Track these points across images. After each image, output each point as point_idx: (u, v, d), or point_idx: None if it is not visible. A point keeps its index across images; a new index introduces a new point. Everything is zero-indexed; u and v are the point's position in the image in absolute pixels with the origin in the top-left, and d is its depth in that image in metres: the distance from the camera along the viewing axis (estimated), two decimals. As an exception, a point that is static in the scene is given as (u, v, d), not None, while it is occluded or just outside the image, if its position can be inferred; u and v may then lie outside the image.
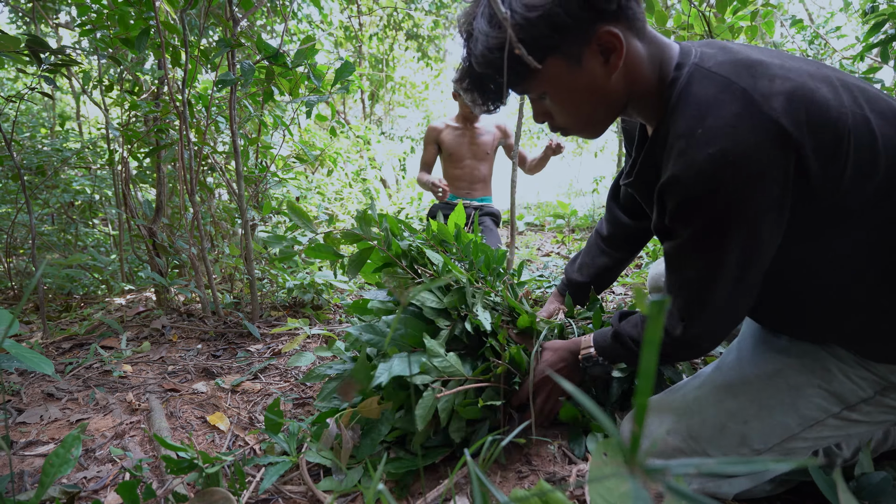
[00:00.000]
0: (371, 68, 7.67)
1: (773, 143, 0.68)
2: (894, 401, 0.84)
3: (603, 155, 8.36)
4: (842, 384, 0.84)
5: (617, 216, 1.31)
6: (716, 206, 0.71)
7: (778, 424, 0.86)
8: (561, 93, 0.84)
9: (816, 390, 0.85)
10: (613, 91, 0.83)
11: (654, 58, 0.83)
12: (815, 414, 0.85)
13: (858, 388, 0.84)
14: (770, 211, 0.72)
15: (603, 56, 0.80)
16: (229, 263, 2.49)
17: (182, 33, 1.83)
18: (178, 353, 1.89)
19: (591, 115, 0.87)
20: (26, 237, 3.09)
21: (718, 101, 0.71)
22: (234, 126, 1.99)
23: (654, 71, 0.83)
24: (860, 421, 0.86)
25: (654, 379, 0.23)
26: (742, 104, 0.69)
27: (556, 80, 0.83)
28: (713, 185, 0.70)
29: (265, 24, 4.16)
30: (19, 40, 1.70)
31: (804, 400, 0.85)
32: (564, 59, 0.80)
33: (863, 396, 0.84)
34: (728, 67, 0.74)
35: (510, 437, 0.76)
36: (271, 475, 1.04)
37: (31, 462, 1.17)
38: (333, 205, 4.65)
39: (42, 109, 4.60)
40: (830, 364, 0.85)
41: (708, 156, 0.69)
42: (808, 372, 0.86)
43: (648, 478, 0.22)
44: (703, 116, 0.71)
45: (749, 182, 0.69)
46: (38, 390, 1.54)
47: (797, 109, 0.69)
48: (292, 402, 1.48)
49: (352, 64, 1.96)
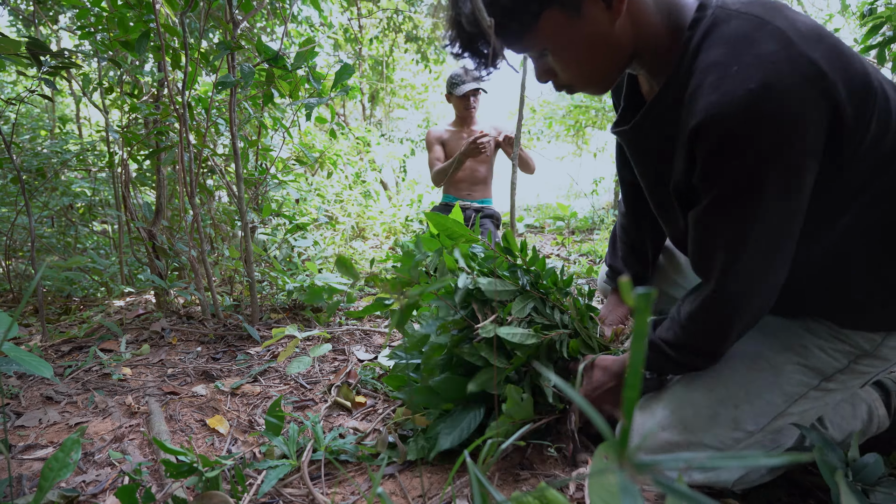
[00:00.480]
0: (371, 70, 7.68)
1: (814, 83, 0.66)
2: (866, 366, 0.90)
3: (602, 155, 8.36)
4: (818, 358, 0.89)
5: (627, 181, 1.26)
6: (758, 147, 0.67)
7: (766, 404, 0.90)
8: (563, 47, 0.80)
9: (796, 367, 0.90)
10: (618, 39, 0.79)
11: (662, 4, 0.80)
12: (798, 389, 0.90)
13: (833, 359, 0.89)
14: (810, 156, 0.70)
15: (605, 4, 0.76)
16: (229, 266, 2.49)
17: (182, 36, 1.83)
18: (177, 355, 1.89)
19: (596, 67, 0.83)
20: (26, 239, 3.09)
21: (754, 38, 0.69)
22: (234, 128, 1.99)
23: (662, 19, 0.80)
24: (837, 389, 0.91)
25: (641, 373, 0.23)
26: (780, 43, 0.67)
27: (556, 34, 0.78)
28: (755, 121, 0.66)
29: (265, 26, 4.17)
30: (19, 43, 1.70)
31: (786, 377, 0.90)
32: (563, 11, 0.76)
33: (838, 367, 0.89)
34: (758, 8, 0.72)
35: (510, 440, 0.76)
36: (271, 478, 1.03)
37: (30, 466, 1.17)
38: (333, 207, 4.64)
39: (42, 112, 4.60)
40: (806, 340, 0.91)
41: (748, 91, 0.65)
42: (786, 350, 0.91)
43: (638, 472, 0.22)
44: (739, 53, 0.68)
45: (792, 121, 0.66)
46: (36, 393, 1.54)
47: (831, 53, 0.68)
48: (292, 404, 1.48)
49: (351, 66, 1.96)
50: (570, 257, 4.17)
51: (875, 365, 0.90)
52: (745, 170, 0.70)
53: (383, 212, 5.35)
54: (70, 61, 1.79)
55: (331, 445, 1.16)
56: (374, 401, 1.49)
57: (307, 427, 1.24)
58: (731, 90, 0.67)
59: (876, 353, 0.88)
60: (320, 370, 1.74)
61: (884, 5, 2.48)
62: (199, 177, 2.22)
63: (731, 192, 0.73)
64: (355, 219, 4.87)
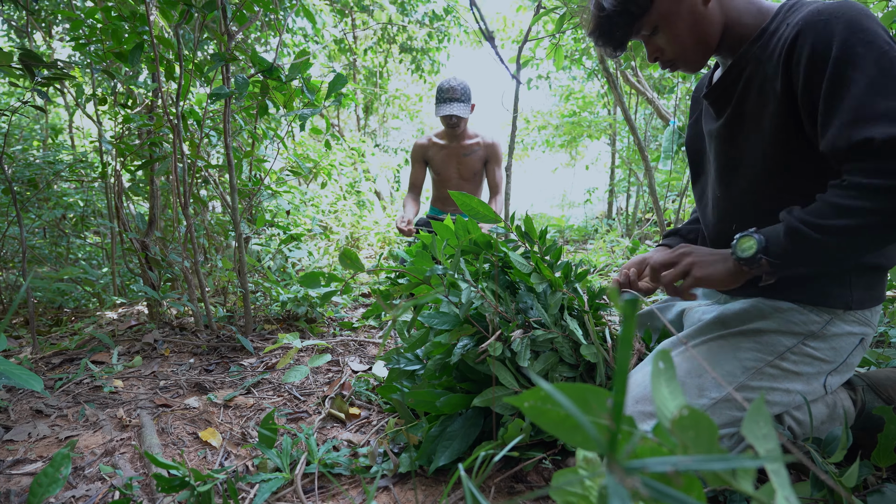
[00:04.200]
0: (365, 81, 7.72)
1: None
2: (814, 349, 1.03)
3: (596, 166, 8.43)
4: (770, 338, 1.04)
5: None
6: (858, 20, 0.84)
7: (727, 373, 1.03)
8: (670, 23, 1.02)
9: (752, 344, 1.05)
10: (710, 19, 1.02)
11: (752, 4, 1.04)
12: (754, 364, 1.03)
13: (783, 339, 1.03)
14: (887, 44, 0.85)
15: None
16: (222, 277, 2.48)
17: (176, 47, 1.84)
18: (170, 367, 1.87)
19: (696, 42, 1.04)
20: (17, 250, 3.07)
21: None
22: (228, 139, 2.00)
23: (750, 7, 1.04)
24: (792, 371, 1.03)
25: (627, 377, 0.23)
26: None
27: (666, 12, 1.02)
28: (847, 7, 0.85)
29: (259, 36, 4.19)
30: (11, 55, 1.70)
31: (742, 353, 1.04)
32: None
33: (788, 346, 1.03)
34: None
35: (504, 451, 0.76)
36: (264, 492, 1.03)
37: (19, 481, 1.15)
38: (328, 217, 4.64)
39: (34, 122, 4.58)
40: (759, 324, 1.05)
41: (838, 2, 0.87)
42: (742, 335, 1.06)
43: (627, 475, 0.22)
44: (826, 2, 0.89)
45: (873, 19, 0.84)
46: (26, 407, 1.52)
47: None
48: (286, 416, 1.47)
49: (344, 77, 1.97)
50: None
51: (823, 349, 1.03)
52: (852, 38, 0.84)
53: (378, 222, 5.35)
54: (63, 72, 1.79)
55: (324, 458, 1.15)
56: (369, 412, 1.48)
57: (301, 439, 1.24)
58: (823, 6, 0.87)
59: (822, 335, 1.03)
60: (314, 381, 1.73)
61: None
62: (193, 187, 2.22)
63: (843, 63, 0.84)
64: (350, 229, 4.87)
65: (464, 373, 1.17)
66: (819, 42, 0.86)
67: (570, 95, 7.09)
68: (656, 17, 1.03)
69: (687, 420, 0.27)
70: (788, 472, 1.01)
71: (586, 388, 0.26)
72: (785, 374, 1.03)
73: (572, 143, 7.77)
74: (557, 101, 7.54)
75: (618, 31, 1.06)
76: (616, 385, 0.24)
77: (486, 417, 1.14)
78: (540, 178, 10.56)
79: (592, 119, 6.72)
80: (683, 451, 0.27)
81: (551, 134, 7.48)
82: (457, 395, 1.12)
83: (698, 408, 0.90)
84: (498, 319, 1.13)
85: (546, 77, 6.70)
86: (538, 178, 10.69)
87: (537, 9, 3.04)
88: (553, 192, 9.96)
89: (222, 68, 1.95)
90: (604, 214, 7.45)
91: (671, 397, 0.29)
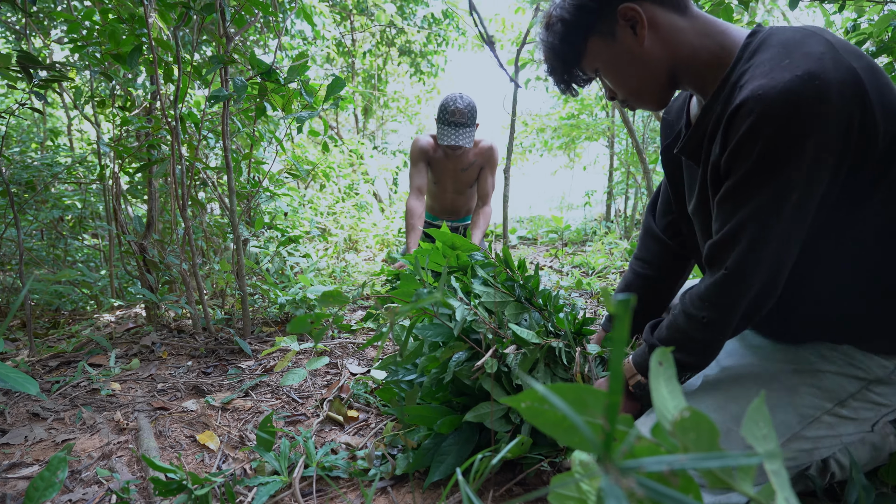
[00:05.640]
0: (364, 84, 7.73)
1: (851, 86, 0.72)
2: (878, 395, 0.91)
3: (594, 168, 8.43)
4: (831, 381, 0.91)
5: (652, 230, 1.26)
6: (793, 127, 0.73)
7: (781, 423, 0.90)
8: (607, 65, 0.97)
9: (809, 388, 0.91)
10: (651, 58, 0.93)
11: (705, 29, 0.92)
12: (812, 411, 0.90)
13: (847, 383, 0.90)
14: (833, 156, 0.74)
15: (631, 29, 0.92)
16: (220, 279, 2.47)
17: (175, 50, 1.84)
18: (167, 370, 1.87)
19: (637, 83, 0.97)
20: (14, 252, 3.06)
21: (805, 42, 0.77)
22: (227, 141, 1.99)
23: (703, 41, 0.92)
24: (849, 418, 0.91)
25: (622, 377, 0.23)
26: (827, 47, 0.75)
27: (600, 56, 0.97)
28: (796, 103, 0.72)
29: (258, 39, 4.19)
30: (9, 57, 1.70)
31: (800, 398, 0.91)
32: (602, 37, 0.95)
33: (851, 391, 0.91)
34: (808, 27, 0.82)
35: (500, 455, 0.75)
36: (262, 495, 1.02)
37: (15, 485, 1.14)
38: (326, 219, 4.64)
39: (32, 124, 4.58)
40: (819, 365, 0.92)
41: (795, 76, 0.72)
42: (800, 373, 0.92)
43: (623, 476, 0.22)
44: (791, 51, 0.76)
45: (827, 112, 0.71)
46: (23, 410, 1.51)
47: (868, 69, 0.76)
48: (284, 419, 1.47)
49: (342, 79, 1.97)
50: (563, 269, 4.18)
51: (887, 395, 0.91)
52: (776, 146, 0.75)
53: (376, 224, 5.35)
54: (61, 74, 1.79)
55: (323, 461, 1.15)
56: (367, 415, 1.48)
57: (299, 442, 1.23)
58: (779, 76, 0.74)
59: (889, 381, 0.90)
60: (312, 384, 1.72)
61: (867, 22, 2.54)
62: (191, 189, 2.22)
63: (759, 167, 0.77)
64: (348, 231, 4.87)
65: (459, 388, 1.16)
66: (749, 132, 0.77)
67: (568, 97, 7.09)
68: (593, 62, 0.99)
69: (688, 422, 0.27)
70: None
71: (583, 389, 0.26)
72: (842, 420, 0.92)
73: (571, 146, 7.78)
74: (556, 103, 7.56)
75: (561, 76, 1.04)
76: (611, 385, 0.24)
77: (481, 432, 1.14)
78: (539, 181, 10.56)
79: (591, 121, 6.73)
80: (684, 452, 0.27)
81: (550, 136, 7.49)
82: (454, 416, 1.12)
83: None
84: (491, 336, 1.12)
85: (545, 79, 6.72)
86: (537, 181, 10.70)
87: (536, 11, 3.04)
88: (552, 194, 9.97)
89: (221, 71, 1.94)
90: (602, 216, 7.46)
91: (671, 397, 0.29)
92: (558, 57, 1.00)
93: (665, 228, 1.22)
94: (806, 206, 0.77)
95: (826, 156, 0.74)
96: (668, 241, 1.21)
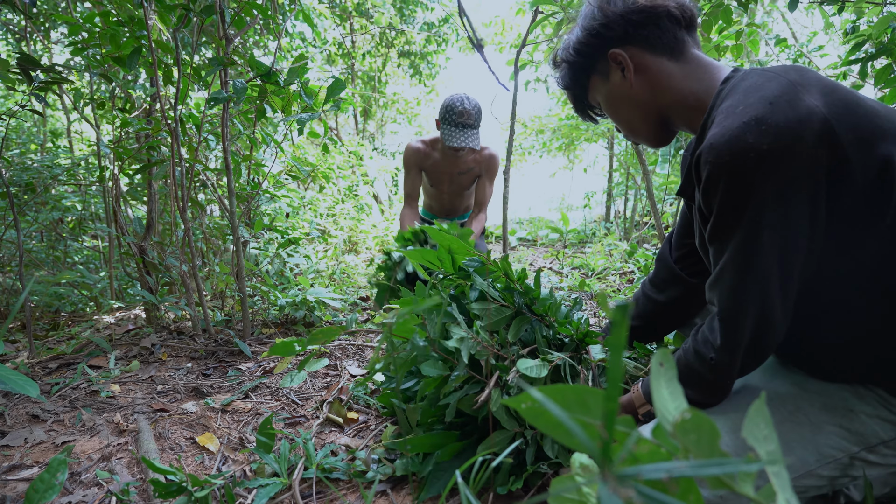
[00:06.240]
0: (364, 85, 7.74)
1: (808, 124, 0.72)
2: None
3: (594, 169, 8.44)
4: (864, 424, 0.84)
5: (665, 258, 1.26)
6: (742, 175, 0.74)
7: (797, 459, 0.85)
8: (604, 103, 1.06)
9: (837, 429, 0.85)
10: (639, 99, 0.99)
11: (696, 73, 0.95)
12: (834, 453, 0.85)
13: (880, 429, 0.84)
14: (800, 193, 0.74)
15: (621, 71, 0.99)
16: (220, 281, 2.47)
17: (175, 52, 1.84)
18: (167, 372, 1.86)
19: (629, 119, 1.04)
20: (14, 254, 3.06)
21: (763, 86, 0.78)
22: (227, 143, 2.00)
23: (693, 85, 0.95)
24: (875, 463, 0.85)
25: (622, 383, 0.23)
26: (784, 89, 0.75)
27: (599, 92, 1.05)
28: (742, 150, 0.73)
29: (258, 40, 4.19)
30: (9, 60, 1.70)
31: (824, 437, 0.85)
32: (599, 76, 1.03)
33: (883, 438, 0.84)
34: (780, 68, 0.82)
35: (500, 457, 0.75)
36: (262, 497, 1.02)
37: (14, 487, 1.14)
38: (326, 221, 4.64)
39: (32, 126, 4.58)
40: (852, 404, 0.85)
41: (742, 123, 0.74)
42: (828, 411, 0.86)
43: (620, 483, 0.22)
44: (747, 97, 0.78)
45: (778, 153, 0.71)
46: (22, 412, 1.51)
47: (841, 104, 0.75)
48: (284, 421, 1.46)
49: (343, 81, 1.97)
50: (563, 270, 4.18)
51: None
52: (731, 192, 0.76)
53: (376, 225, 5.35)
54: (61, 76, 1.79)
55: (322, 463, 1.15)
56: (367, 417, 1.48)
57: (298, 444, 1.23)
58: (729, 123, 0.76)
59: None
60: (312, 386, 1.72)
61: (866, 23, 2.55)
62: (191, 191, 2.22)
63: (720, 215, 0.79)
64: (348, 232, 4.87)
65: (459, 409, 1.15)
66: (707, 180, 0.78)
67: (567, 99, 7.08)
68: (594, 97, 1.07)
69: (689, 423, 0.27)
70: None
71: (584, 390, 0.26)
72: (867, 465, 0.86)
73: (570, 147, 7.79)
74: (555, 105, 7.56)
75: (577, 105, 1.14)
76: (608, 391, 0.24)
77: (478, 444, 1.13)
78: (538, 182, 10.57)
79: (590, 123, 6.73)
80: (684, 454, 0.27)
81: (549, 137, 7.50)
82: (455, 444, 1.11)
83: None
84: (494, 360, 1.09)
85: (544, 81, 6.72)
86: (536, 182, 10.71)
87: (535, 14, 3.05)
88: (551, 195, 9.97)
89: (220, 72, 1.95)
90: (602, 218, 7.46)
91: (671, 398, 0.29)
92: (568, 91, 1.11)
93: (679, 259, 1.22)
94: (786, 242, 0.76)
95: (794, 194, 0.73)
96: (679, 271, 1.21)
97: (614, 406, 0.23)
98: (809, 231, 0.77)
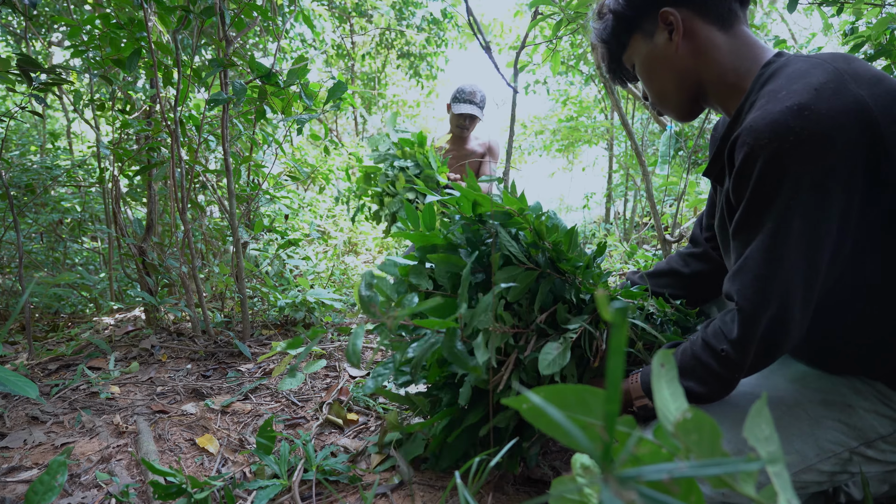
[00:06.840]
0: (363, 86, 7.74)
1: (852, 115, 0.71)
2: None
3: (593, 170, 8.45)
4: (862, 419, 0.85)
5: (695, 233, 1.27)
6: (779, 158, 0.73)
7: (796, 453, 0.85)
8: (642, 64, 1.00)
9: (836, 423, 0.85)
10: (680, 65, 0.95)
11: (741, 51, 0.91)
12: (834, 447, 0.85)
13: (878, 424, 0.84)
14: (835, 184, 0.72)
15: (668, 33, 0.94)
16: (220, 282, 2.47)
17: (175, 53, 1.84)
18: (167, 373, 1.86)
19: (664, 87, 0.99)
20: (13, 256, 3.06)
21: (808, 72, 0.76)
22: (227, 145, 2.00)
23: (733, 60, 0.91)
24: (874, 459, 0.86)
25: (621, 385, 0.23)
26: (830, 76, 0.74)
27: (639, 52, 1.00)
28: (783, 134, 0.72)
29: (258, 42, 4.19)
30: (9, 60, 1.70)
31: (823, 431, 0.85)
32: (642, 35, 0.98)
33: (881, 433, 0.85)
34: (827, 55, 0.80)
35: (497, 458, 0.75)
36: (261, 499, 1.02)
37: (14, 489, 1.14)
38: (326, 222, 4.64)
39: (32, 127, 4.58)
40: (851, 399, 0.86)
41: (785, 108, 0.72)
42: (828, 405, 0.87)
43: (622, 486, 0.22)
44: (791, 83, 0.76)
45: (818, 140, 0.70)
46: (22, 413, 1.51)
47: (884, 94, 0.74)
48: (283, 422, 1.46)
49: (344, 82, 1.97)
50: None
51: None
52: (767, 178, 0.75)
53: (375, 227, 5.35)
54: (61, 77, 1.79)
55: (322, 465, 1.14)
56: (367, 418, 1.48)
57: (298, 446, 1.23)
58: (771, 108, 0.74)
59: None
60: (312, 387, 1.72)
61: (864, 25, 2.55)
62: (191, 192, 2.22)
63: (751, 201, 0.78)
64: (348, 234, 4.87)
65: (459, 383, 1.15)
66: (743, 164, 0.77)
67: (567, 100, 7.11)
68: (631, 57, 1.02)
69: (690, 423, 0.26)
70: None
71: (586, 390, 0.26)
72: (865, 461, 0.86)
73: (570, 148, 7.79)
74: (555, 106, 7.58)
75: (609, 63, 1.08)
76: (609, 393, 0.23)
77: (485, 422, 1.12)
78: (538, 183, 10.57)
79: (590, 123, 6.74)
80: (686, 454, 0.26)
81: (549, 138, 7.50)
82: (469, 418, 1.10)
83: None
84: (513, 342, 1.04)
85: (544, 82, 6.73)
86: (536, 183, 10.72)
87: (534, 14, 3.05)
88: (551, 196, 9.99)
89: (220, 74, 1.95)
90: (601, 219, 7.46)
91: (672, 398, 0.29)
92: (605, 45, 1.04)
93: (708, 239, 1.23)
94: (816, 233, 0.74)
95: (831, 183, 0.72)
96: (706, 245, 1.22)
97: (615, 408, 0.23)
98: (840, 224, 0.75)
